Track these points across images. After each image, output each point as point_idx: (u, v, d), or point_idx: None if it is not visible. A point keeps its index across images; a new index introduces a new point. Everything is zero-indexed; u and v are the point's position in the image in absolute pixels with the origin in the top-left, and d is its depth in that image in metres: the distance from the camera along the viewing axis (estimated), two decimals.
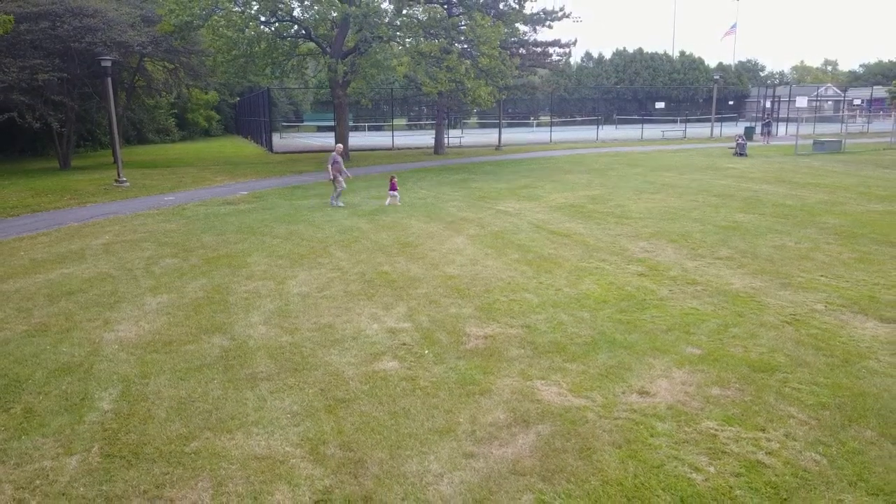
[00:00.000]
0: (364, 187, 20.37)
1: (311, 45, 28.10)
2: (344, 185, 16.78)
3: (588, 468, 4.55)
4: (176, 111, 51.87)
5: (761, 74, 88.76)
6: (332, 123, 50.08)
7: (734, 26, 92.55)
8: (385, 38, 23.01)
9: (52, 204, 17.36)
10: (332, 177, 16.53)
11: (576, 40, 67.10)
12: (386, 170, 24.78)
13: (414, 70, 22.44)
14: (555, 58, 31.36)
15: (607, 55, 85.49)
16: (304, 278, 9.75)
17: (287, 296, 8.86)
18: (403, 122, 72.66)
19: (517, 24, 29.07)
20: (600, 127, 67.00)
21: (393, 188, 16.86)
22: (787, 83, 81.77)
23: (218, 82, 39.05)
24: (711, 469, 4.53)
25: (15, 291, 9.31)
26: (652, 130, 45.47)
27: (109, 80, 20.11)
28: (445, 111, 32.19)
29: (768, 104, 48.07)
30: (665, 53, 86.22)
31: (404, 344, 7.00)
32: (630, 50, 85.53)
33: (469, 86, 22.38)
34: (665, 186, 19.64)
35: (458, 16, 24.50)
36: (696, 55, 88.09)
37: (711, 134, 42.46)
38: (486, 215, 15.05)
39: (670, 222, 13.77)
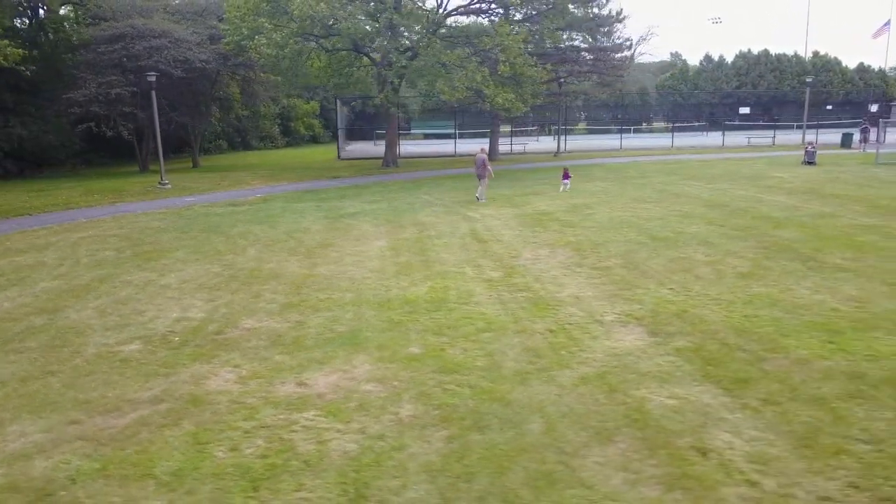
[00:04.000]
0: (353, 194, 21.32)
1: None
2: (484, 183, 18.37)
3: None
4: (279, 120, 55.92)
5: None
6: (439, 130, 51.57)
7: (887, 24, 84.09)
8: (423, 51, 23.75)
9: (87, 202, 19.89)
10: (480, 175, 18.27)
11: (633, 42, 63.32)
12: (415, 176, 25.60)
13: (433, 80, 23.08)
14: (617, 62, 30.52)
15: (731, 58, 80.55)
16: (191, 272, 10.81)
17: (147, 287, 9.94)
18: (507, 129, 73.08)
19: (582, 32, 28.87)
20: (706, 133, 63.61)
21: (566, 177, 19.83)
22: None
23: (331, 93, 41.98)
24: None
25: None
26: (736, 137, 42.80)
27: (153, 93, 22.55)
28: (500, 119, 32.43)
29: (874, 108, 43.44)
30: (795, 55, 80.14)
31: (171, 332, 7.79)
32: (755, 51, 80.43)
33: (487, 93, 22.66)
34: (670, 196, 18.83)
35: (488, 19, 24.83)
36: (833, 55, 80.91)
37: (803, 140, 39.22)
38: (443, 220, 15.43)
39: (608, 232, 13.42)
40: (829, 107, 53.86)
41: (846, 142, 36.70)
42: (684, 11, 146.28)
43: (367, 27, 22.55)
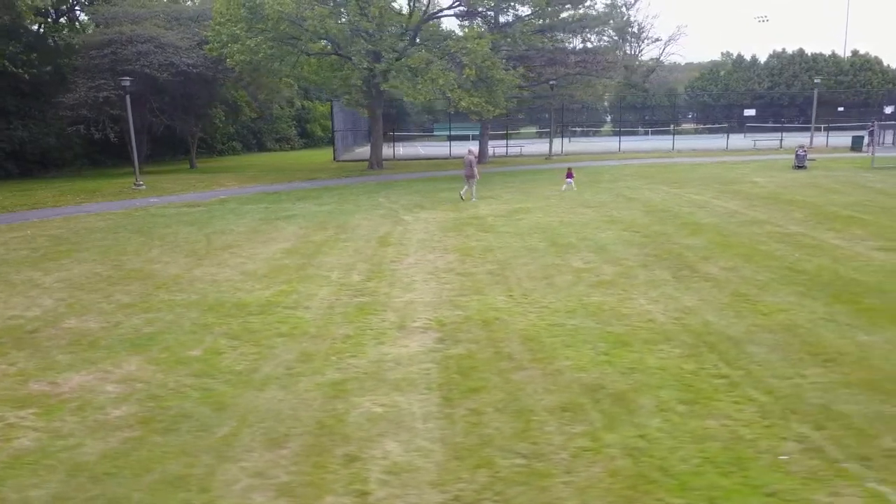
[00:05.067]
0: (313, 196, 21.59)
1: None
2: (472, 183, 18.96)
3: None
4: (296, 122, 56.94)
5: None
6: (464, 132, 51.37)
7: None
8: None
9: (57, 202, 20.70)
10: (468, 175, 18.83)
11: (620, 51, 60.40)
12: (392, 178, 25.78)
13: (400, 81, 23.20)
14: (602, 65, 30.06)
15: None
16: (76, 272, 11.21)
17: (20, 286, 10.37)
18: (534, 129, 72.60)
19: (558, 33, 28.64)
20: (727, 136, 61.80)
21: (569, 176, 20.62)
22: None
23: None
24: None
25: None
26: (741, 140, 41.60)
27: (128, 97, 23.29)
28: (489, 123, 32.39)
29: (889, 110, 41.57)
30: (833, 54, 77.58)
31: None
32: (790, 51, 78.19)
33: (452, 96, 22.68)
34: (622, 200, 18.47)
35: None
36: (873, 55, 77.65)
37: (811, 144, 37.87)
38: (372, 223, 15.52)
39: (515, 238, 13.27)
40: (841, 108, 51.86)
41: (857, 145, 35.33)
42: (729, 10, 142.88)
43: (335, 28, 22.75)
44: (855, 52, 76.05)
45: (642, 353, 6.76)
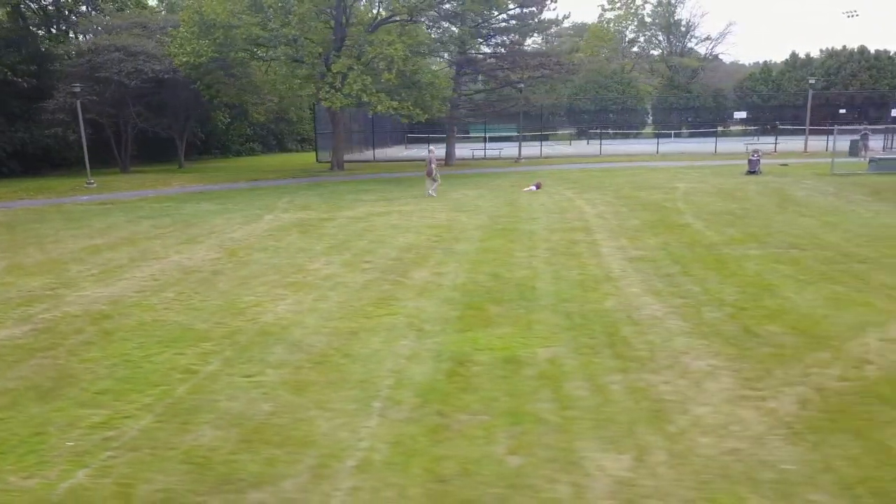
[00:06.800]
0: (232, 196, 22.64)
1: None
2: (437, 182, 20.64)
3: None
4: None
5: None
6: (501, 133, 51.34)
7: None
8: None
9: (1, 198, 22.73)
10: (428, 174, 20.52)
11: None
12: (337, 179, 26.57)
13: (318, 88, 23.94)
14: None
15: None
16: None
17: None
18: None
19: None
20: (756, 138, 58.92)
21: (537, 186, 21.67)
22: None
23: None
24: None
25: None
26: (731, 144, 39.77)
27: (79, 102, 25.16)
28: (455, 125, 32.71)
29: None
30: None
31: None
32: (850, 49, 73.98)
33: (366, 100, 23.22)
34: (517, 206, 18.61)
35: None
36: None
37: (805, 148, 35.84)
38: (227, 223, 16.36)
39: (319, 241, 13.82)
40: (843, 110, 48.56)
41: (853, 149, 33.31)
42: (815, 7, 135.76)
43: (262, 35, 23.73)
44: None
45: (200, 350, 7.21)
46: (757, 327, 7.35)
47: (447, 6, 26.04)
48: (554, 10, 28.62)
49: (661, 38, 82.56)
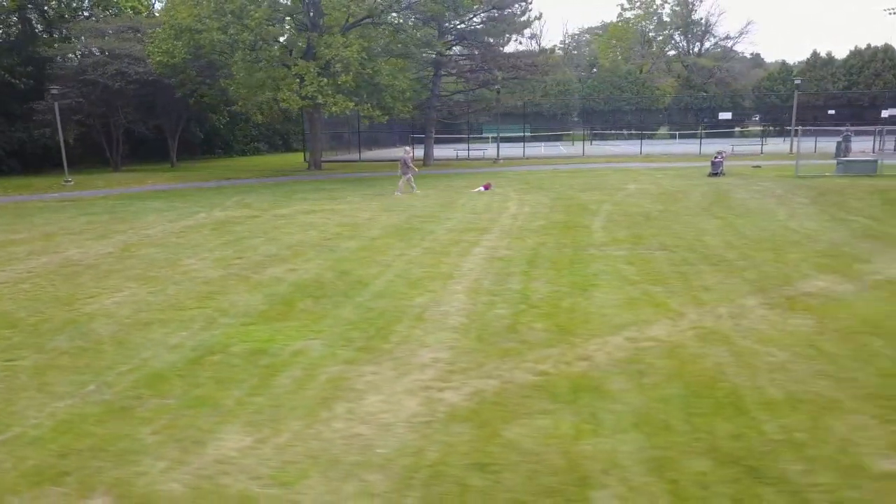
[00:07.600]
0: (190, 195, 23.35)
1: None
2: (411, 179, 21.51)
3: None
4: None
5: None
6: (511, 134, 51.36)
7: None
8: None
9: None
10: (403, 173, 21.37)
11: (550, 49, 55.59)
12: (306, 178, 27.17)
13: (276, 87, 24.55)
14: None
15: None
16: None
17: None
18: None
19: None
20: (783, 139, 57.65)
21: (486, 187, 22.04)
22: None
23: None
24: None
25: None
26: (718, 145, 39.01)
27: (56, 104, 26.25)
28: (431, 125, 33.09)
29: (886, 113, 37.34)
30: None
31: None
32: (874, 47, 71.98)
33: (322, 101, 23.72)
34: (442, 206, 18.93)
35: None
36: None
37: (791, 150, 35.10)
38: (159, 220, 17.05)
39: (217, 237, 14.37)
40: (832, 111, 47.21)
41: (838, 151, 32.55)
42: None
43: (225, 37, 24.42)
44: None
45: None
46: (523, 325, 7.55)
47: (408, 9, 26.41)
48: (529, 11, 28.20)
49: (678, 37, 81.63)
